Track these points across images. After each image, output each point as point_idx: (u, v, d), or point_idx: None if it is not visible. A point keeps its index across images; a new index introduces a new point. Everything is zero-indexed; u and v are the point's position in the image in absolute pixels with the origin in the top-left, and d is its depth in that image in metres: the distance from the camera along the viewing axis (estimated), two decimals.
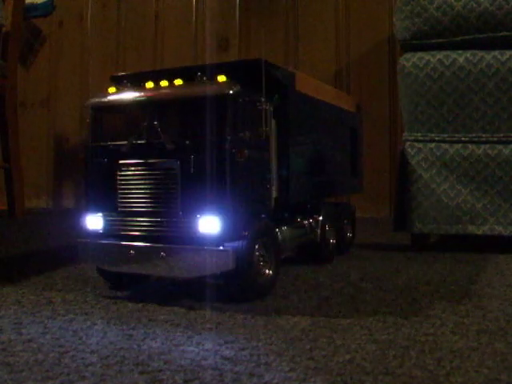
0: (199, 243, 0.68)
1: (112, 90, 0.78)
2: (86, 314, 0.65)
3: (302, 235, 0.90)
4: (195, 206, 0.68)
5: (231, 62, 0.89)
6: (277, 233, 0.78)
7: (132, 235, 0.73)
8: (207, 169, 0.67)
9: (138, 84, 0.78)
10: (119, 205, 0.73)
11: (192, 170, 0.68)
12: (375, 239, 1.33)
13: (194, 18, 2.14)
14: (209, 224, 0.67)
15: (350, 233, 1.13)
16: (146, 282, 0.83)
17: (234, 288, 0.71)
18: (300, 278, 0.86)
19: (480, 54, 1.06)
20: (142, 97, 0.74)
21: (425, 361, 0.48)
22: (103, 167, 0.75)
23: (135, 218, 0.72)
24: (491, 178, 1.07)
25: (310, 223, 0.93)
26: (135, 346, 0.53)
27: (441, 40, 1.09)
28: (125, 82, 0.80)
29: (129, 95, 0.76)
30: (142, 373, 0.47)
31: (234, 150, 0.68)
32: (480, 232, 1.08)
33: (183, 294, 0.77)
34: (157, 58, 2.23)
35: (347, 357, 0.50)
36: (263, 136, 0.72)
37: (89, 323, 0.61)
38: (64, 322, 0.62)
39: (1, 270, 0.96)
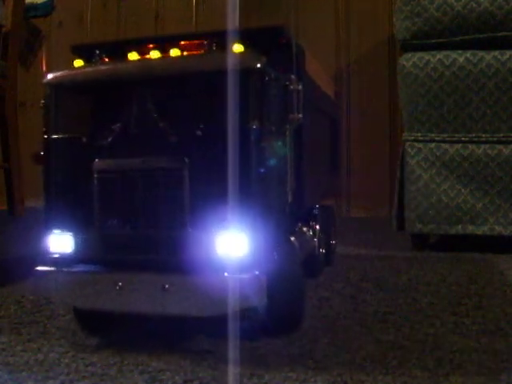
0: (218, 269, 0.50)
1: (79, 63, 0.59)
2: None
3: (306, 247, 0.73)
4: (210, 217, 0.51)
5: (245, 30, 0.59)
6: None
7: (119, 261, 0.53)
8: (227, 169, 0.50)
9: (114, 56, 0.60)
10: (99, 219, 0.53)
11: (205, 169, 0.52)
12: (375, 239, 1.33)
13: (193, 17, 2.14)
14: (232, 242, 0.50)
15: (333, 239, 0.97)
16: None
17: (273, 321, 0.55)
18: None
19: (480, 53, 1.06)
20: (129, 72, 0.55)
21: (425, 361, 0.48)
22: (73, 168, 0.56)
23: (123, 237, 0.53)
24: (491, 178, 1.07)
25: (308, 232, 0.76)
26: (135, 346, 0.53)
27: (441, 40, 1.09)
28: (97, 53, 0.60)
29: (108, 70, 0.57)
30: (141, 373, 0.47)
31: (262, 144, 0.51)
32: (480, 232, 1.08)
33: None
34: None
35: (347, 357, 0.50)
36: (294, 125, 0.56)
37: None
38: (64, 322, 0.62)
39: (0, 270, 0.96)
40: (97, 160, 0.54)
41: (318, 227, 0.78)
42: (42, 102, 0.58)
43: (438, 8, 1.08)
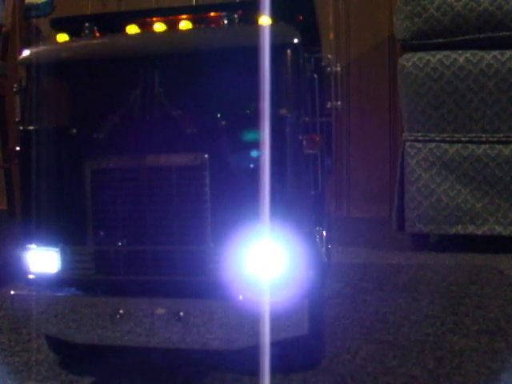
0: (248, 293, 0.40)
1: (63, 37, 0.48)
2: None
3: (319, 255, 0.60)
4: (237, 229, 0.41)
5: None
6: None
7: (119, 283, 0.43)
8: (258, 168, 0.40)
9: (109, 30, 0.48)
10: (93, 231, 0.43)
11: (230, 168, 0.41)
12: (375, 239, 1.33)
13: None
14: (266, 258, 0.40)
15: (329, 244, 0.82)
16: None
17: (305, 354, 0.46)
18: None
19: (480, 54, 1.06)
20: (129, 47, 0.44)
21: (425, 361, 0.48)
22: (59, 167, 0.45)
23: (125, 254, 0.43)
24: (491, 178, 1.07)
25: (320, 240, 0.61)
26: (135, 346, 0.53)
27: (441, 40, 1.09)
28: (87, 25, 0.47)
29: (106, 44, 0.45)
30: (142, 373, 0.47)
31: (300, 137, 0.42)
32: (480, 232, 1.08)
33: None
34: None
35: (347, 357, 0.50)
36: (332, 114, 0.47)
37: None
38: None
39: (0, 270, 0.96)
40: (91, 157, 0.43)
41: (325, 233, 0.61)
42: (16, 86, 0.47)
43: (437, 8, 1.08)
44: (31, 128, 0.45)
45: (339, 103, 0.46)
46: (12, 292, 0.46)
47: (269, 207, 0.39)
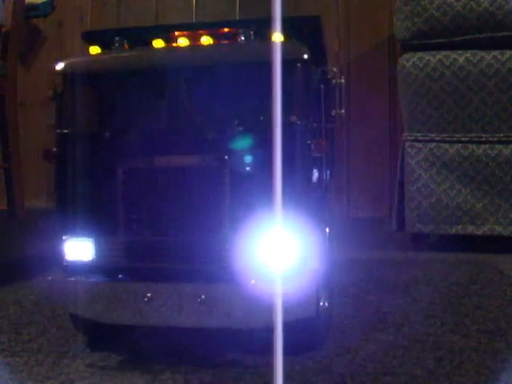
0: (263, 278, 0.45)
1: (95, 49, 0.53)
2: None
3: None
4: (254, 220, 0.46)
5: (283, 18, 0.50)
6: None
7: (147, 269, 0.49)
8: (271, 167, 0.42)
9: (136, 43, 0.54)
10: (125, 223, 0.48)
11: (247, 168, 0.47)
12: (375, 239, 1.33)
13: (193, 17, 2.14)
14: (280, 247, 0.45)
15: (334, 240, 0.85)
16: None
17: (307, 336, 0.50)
18: None
19: (480, 54, 1.06)
20: (157, 60, 0.50)
21: (425, 361, 0.48)
22: (92, 166, 0.50)
23: (152, 243, 0.48)
24: (491, 178, 1.07)
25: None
26: (135, 346, 0.53)
27: (441, 40, 1.09)
28: (116, 39, 0.53)
29: (139, 57, 0.51)
30: (141, 373, 0.47)
31: (309, 141, 0.47)
32: (480, 232, 1.08)
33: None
34: None
35: (347, 357, 0.50)
36: (336, 121, 0.53)
37: None
38: (64, 322, 0.62)
39: (1, 271, 0.96)
40: (123, 157, 0.48)
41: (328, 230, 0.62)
42: (51, 92, 0.52)
43: (437, 8, 1.07)
44: (67, 131, 0.51)
45: (343, 111, 0.52)
46: (49, 278, 0.52)
47: (281, 202, 0.41)
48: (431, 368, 0.47)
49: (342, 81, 0.53)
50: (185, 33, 0.53)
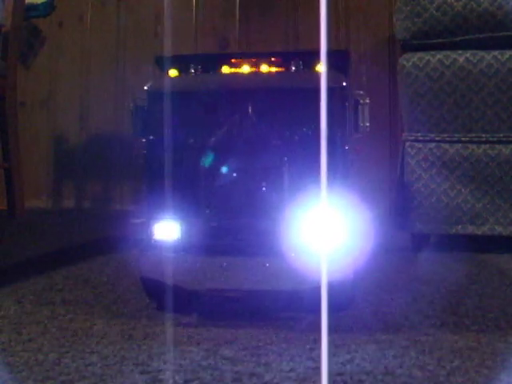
0: (311, 249, 0.60)
1: (174, 72, 0.67)
2: (86, 314, 0.65)
3: None
4: (304, 207, 0.60)
5: (313, 51, 0.69)
6: None
7: (223, 246, 0.62)
8: (320, 167, 0.55)
9: (203, 68, 0.68)
10: (204, 209, 0.62)
11: (301, 168, 0.61)
12: (375, 239, 1.32)
13: (193, 17, 2.14)
14: (324, 226, 0.59)
15: None
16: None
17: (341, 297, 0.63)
18: None
19: (480, 53, 1.06)
20: (234, 83, 0.66)
21: (425, 361, 0.48)
22: (179, 164, 0.64)
23: (230, 226, 0.62)
24: (491, 178, 1.07)
25: None
26: (135, 346, 0.53)
27: (441, 40, 1.09)
28: (192, 65, 0.68)
29: (213, 80, 0.67)
30: (141, 373, 0.47)
31: (346, 146, 0.64)
32: (480, 232, 1.08)
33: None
34: None
35: (347, 357, 0.50)
36: (363, 132, 0.68)
37: (88, 324, 0.61)
38: (64, 322, 0.62)
39: (1, 271, 0.96)
40: (203, 157, 0.62)
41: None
42: (132, 105, 0.66)
43: (437, 8, 1.08)
44: (154, 136, 0.65)
45: (367, 124, 0.66)
46: (140, 254, 0.63)
47: (326, 191, 0.54)
48: (431, 368, 0.47)
49: (367, 100, 0.66)
50: (246, 60, 0.68)
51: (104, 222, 1.74)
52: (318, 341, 0.54)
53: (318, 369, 0.47)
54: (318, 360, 0.49)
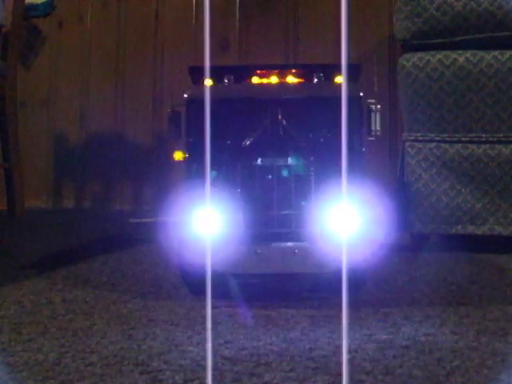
0: (335, 238, 0.66)
1: (209, 82, 0.73)
2: (86, 314, 0.65)
3: None
4: (329, 200, 0.66)
5: (332, 64, 0.81)
6: None
7: (257, 234, 0.68)
8: (341, 165, 0.59)
9: (237, 78, 0.77)
10: (242, 202, 0.68)
11: (324, 166, 0.68)
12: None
13: (193, 17, 2.14)
14: (345, 217, 0.66)
15: None
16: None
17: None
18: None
19: (480, 53, 1.06)
20: (266, 92, 0.75)
21: (425, 361, 0.48)
22: (216, 163, 0.70)
23: (264, 216, 0.69)
24: (491, 178, 1.07)
25: None
26: (135, 346, 0.53)
27: (441, 40, 1.09)
28: (226, 76, 0.76)
29: (246, 90, 0.76)
30: (141, 373, 0.47)
31: (363, 149, 0.74)
32: (480, 232, 1.08)
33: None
34: (157, 57, 2.23)
35: (347, 357, 0.50)
36: (375, 135, 0.76)
37: (88, 323, 0.61)
38: (64, 322, 0.62)
39: (1, 271, 0.96)
40: (239, 157, 0.70)
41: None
42: (169, 110, 0.75)
43: (437, 8, 1.08)
44: (194, 139, 0.74)
45: (379, 128, 0.75)
46: (180, 242, 0.68)
47: (348, 189, 0.60)
48: (431, 368, 0.47)
49: (379, 106, 0.75)
50: (274, 71, 0.77)
51: (104, 222, 1.74)
52: (318, 341, 0.54)
53: (318, 369, 0.47)
54: (318, 360, 0.49)
